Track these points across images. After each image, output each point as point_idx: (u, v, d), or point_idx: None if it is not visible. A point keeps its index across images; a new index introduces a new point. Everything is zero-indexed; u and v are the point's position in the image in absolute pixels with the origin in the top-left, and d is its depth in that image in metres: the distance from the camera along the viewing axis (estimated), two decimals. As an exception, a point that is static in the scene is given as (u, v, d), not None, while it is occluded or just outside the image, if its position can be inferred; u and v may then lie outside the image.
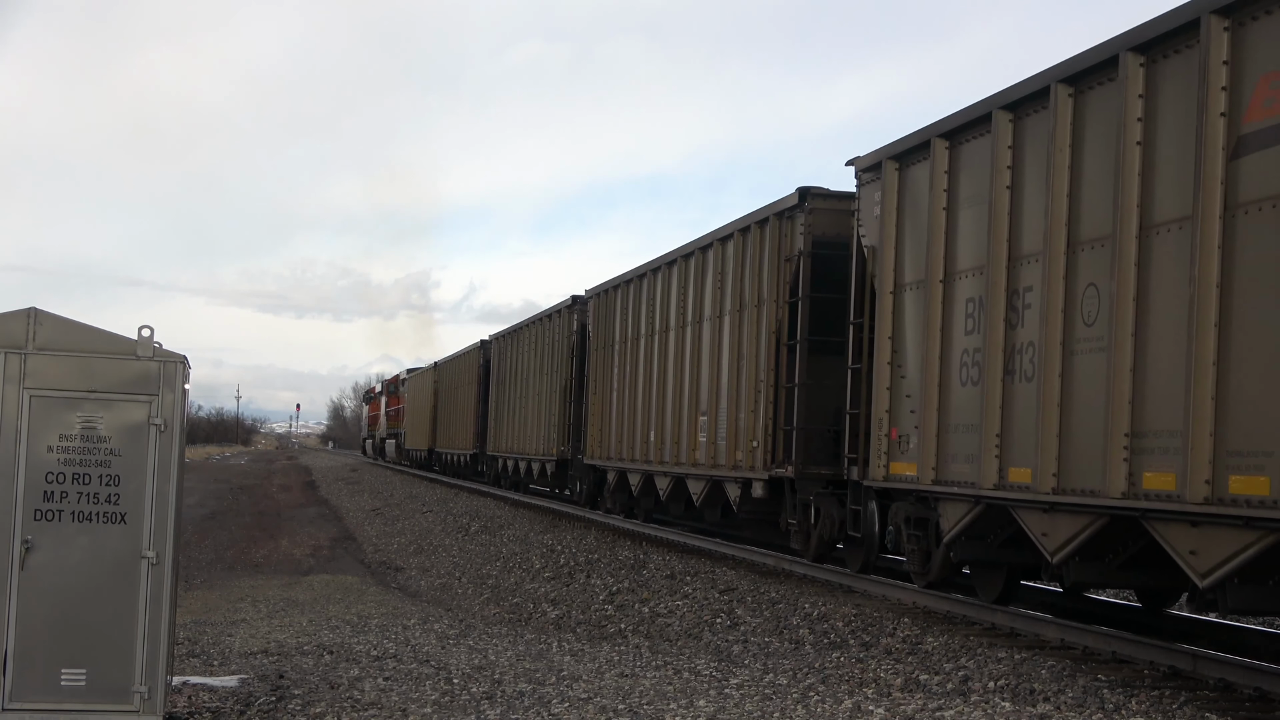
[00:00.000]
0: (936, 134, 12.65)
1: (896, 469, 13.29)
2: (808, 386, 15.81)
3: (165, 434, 7.92)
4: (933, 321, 12.63)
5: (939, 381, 12.50)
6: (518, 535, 25.23)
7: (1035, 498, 10.87)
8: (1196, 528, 9.09)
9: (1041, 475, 10.76)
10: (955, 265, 12.44)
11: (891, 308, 13.52)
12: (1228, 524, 8.79)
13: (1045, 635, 11.20)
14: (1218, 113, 8.95)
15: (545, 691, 9.61)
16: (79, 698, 7.76)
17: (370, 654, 11.73)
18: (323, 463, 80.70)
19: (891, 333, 13.50)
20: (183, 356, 8.04)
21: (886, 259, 13.64)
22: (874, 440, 13.75)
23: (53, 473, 7.79)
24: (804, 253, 15.97)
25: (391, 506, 37.46)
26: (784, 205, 16.46)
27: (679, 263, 20.44)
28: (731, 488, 17.80)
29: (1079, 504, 10.35)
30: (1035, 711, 8.61)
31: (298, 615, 15.74)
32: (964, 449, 12.00)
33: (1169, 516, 9.31)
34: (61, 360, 7.85)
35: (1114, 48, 10.09)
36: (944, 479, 12.37)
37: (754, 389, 17.02)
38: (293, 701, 9.27)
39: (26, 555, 7.75)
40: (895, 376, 13.41)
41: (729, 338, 18.10)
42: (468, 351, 43.74)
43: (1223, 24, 9.04)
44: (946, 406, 12.37)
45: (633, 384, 22.61)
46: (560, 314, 29.50)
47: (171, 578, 8.05)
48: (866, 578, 13.97)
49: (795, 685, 10.16)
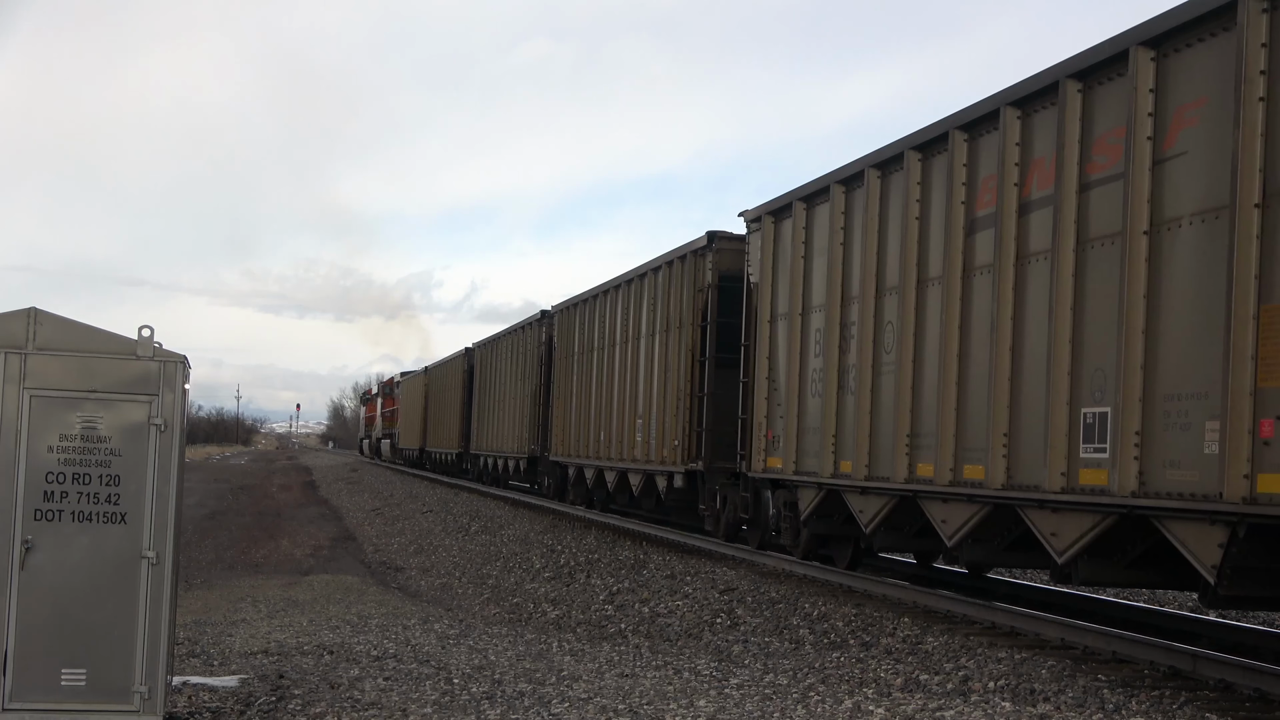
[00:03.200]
0: (797, 198, 15.70)
1: (771, 463, 16.34)
2: (715, 395, 19.01)
3: (165, 434, 7.89)
4: (794, 346, 15.70)
5: (798, 393, 15.53)
6: (518, 535, 25.26)
7: (855, 484, 13.96)
8: (945, 503, 12.31)
9: (858, 466, 13.85)
10: (810, 302, 15.49)
11: (768, 334, 16.57)
12: (962, 499, 11.98)
13: (1045, 635, 11.35)
14: (959, 201, 12.16)
15: (545, 691, 9.61)
16: (79, 698, 7.74)
17: (370, 654, 11.74)
18: (323, 462, 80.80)
19: (768, 353, 16.55)
20: (183, 356, 8.03)
21: (764, 294, 16.69)
22: (755, 440, 16.80)
23: (53, 473, 7.76)
24: (712, 285, 19.34)
25: (391, 506, 37.48)
26: (698, 245, 19.78)
27: (623, 287, 23.76)
28: (660, 480, 20.96)
29: (880, 488, 13.47)
30: (1035, 711, 8.58)
31: (298, 615, 15.74)
32: (813, 447, 15.01)
33: (930, 496, 12.45)
34: (62, 360, 7.82)
35: (899, 147, 13.25)
36: (800, 470, 15.39)
37: (676, 397, 20.23)
38: (293, 701, 9.25)
39: (26, 555, 7.73)
40: (770, 389, 16.43)
41: (658, 353, 21.36)
42: (454, 357, 46.24)
43: (962, 137, 12.19)
44: (803, 413, 15.39)
45: (588, 390, 25.70)
46: (531, 326, 32.48)
47: (171, 578, 8.03)
48: (867, 577, 14.61)
49: (795, 685, 10.17)
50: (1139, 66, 9.70)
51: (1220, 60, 8.95)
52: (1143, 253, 9.60)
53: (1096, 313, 10.13)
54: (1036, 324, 10.85)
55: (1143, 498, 9.42)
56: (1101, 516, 10.01)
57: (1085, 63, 10.41)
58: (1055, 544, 10.58)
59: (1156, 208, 9.56)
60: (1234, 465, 8.50)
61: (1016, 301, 11.20)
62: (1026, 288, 11.08)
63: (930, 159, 12.84)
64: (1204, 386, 8.86)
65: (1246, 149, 8.61)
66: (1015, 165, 11.33)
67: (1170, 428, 9.22)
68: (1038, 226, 10.96)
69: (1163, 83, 9.60)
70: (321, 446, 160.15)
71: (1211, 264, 8.90)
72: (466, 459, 43.06)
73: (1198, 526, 8.99)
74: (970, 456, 11.81)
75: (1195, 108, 9.25)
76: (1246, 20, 8.65)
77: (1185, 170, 9.32)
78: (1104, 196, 10.14)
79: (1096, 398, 10.03)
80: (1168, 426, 9.25)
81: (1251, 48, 8.63)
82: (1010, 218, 11.34)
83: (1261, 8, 8.63)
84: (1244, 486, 8.44)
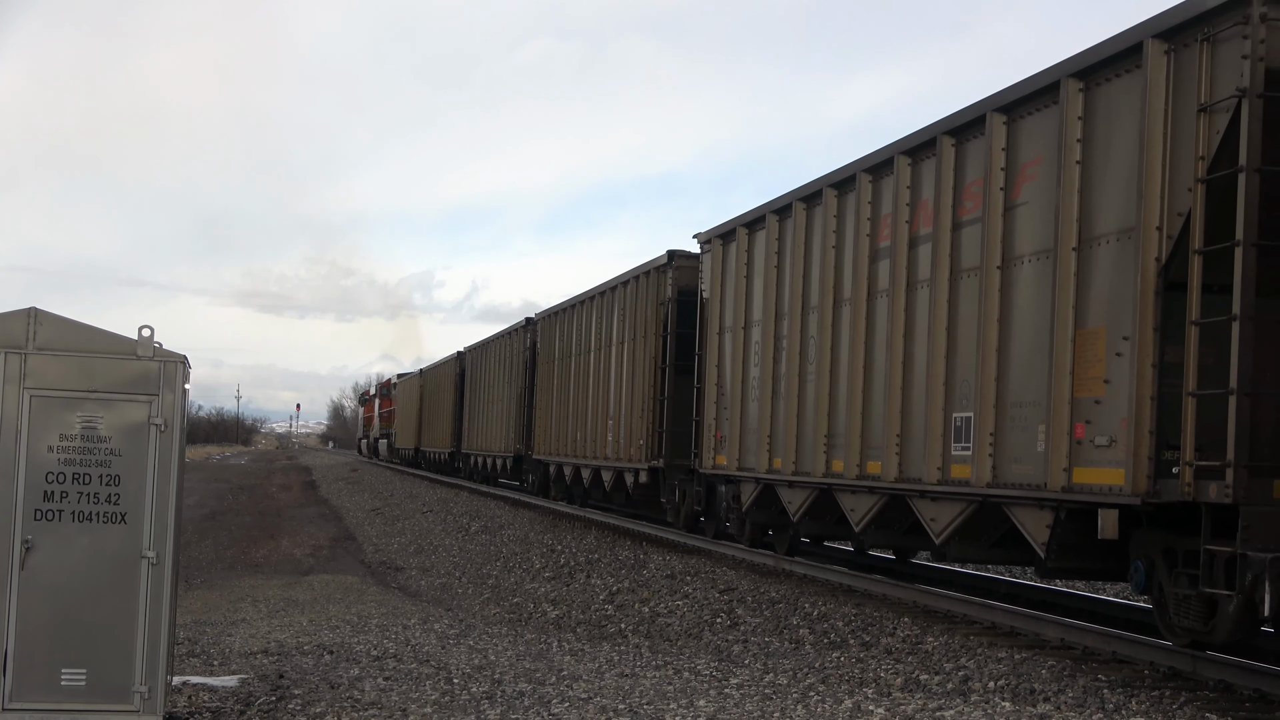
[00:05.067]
0: (741, 224, 17.77)
1: (719, 460, 18.36)
2: (674, 399, 20.98)
3: (165, 434, 7.85)
4: (738, 355, 17.78)
5: (741, 398, 17.60)
6: (518, 535, 25.42)
7: (784, 478, 15.92)
8: (854, 494, 14.33)
9: (787, 463, 15.84)
10: (751, 317, 17.47)
11: (717, 344, 18.65)
12: (865, 491, 14.00)
13: (1045, 635, 11.55)
14: (864, 234, 14.23)
15: (545, 691, 9.59)
16: (79, 698, 7.70)
17: (370, 654, 11.74)
18: (322, 462, 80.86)
19: (717, 362, 18.64)
20: (183, 356, 8.00)
21: (714, 309, 18.82)
22: (706, 439, 18.89)
23: (53, 473, 7.73)
24: (672, 299, 21.34)
25: (391, 506, 37.46)
26: (659, 263, 21.94)
27: (596, 299, 25.91)
28: (629, 476, 22.95)
29: (805, 482, 15.45)
30: (1035, 711, 8.61)
31: (298, 615, 15.78)
32: (752, 445, 17.04)
33: (842, 488, 14.50)
34: (62, 360, 7.79)
35: (819, 184, 15.24)
36: (743, 466, 17.42)
37: (641, 400, 22.27)
38: (293, 701, 9.21)
39: (26, 555, 7.69)
40: (719, 394, 18.48)
41: (626, 360, 23.36)
42: (447, 360, 48.12)
43: (867, 179, 14.21)
44: (744, 415, 17.44)
45: (566, 394, 27.78)
46: (517, 333, 34.51)
47: (171, 578, 7.98)
48: (868, 577, 15.43)
49: (795, 685, 10.17)
50: (994, 129, 11.65)
51: (1050, 128, 10.89)
52: (996, 284, 11.54)
53: (964, 333, 12.07)
54: (921, 342, 12.79)
55: (996, 488, 11.36)
56: (967, 504, 11.97)
57: (957, 122, 12.34)
58: (933, 527, 12.54)
59: (1007, 247, 11.50)
60: (1056, 460, 10.44)
61: (907, 322, 13.13)
62: (915, 311, 13.00)
63: (844, 196, 14.82)
64: (1038, 396, 10.79)
65: (1066, 202, 10.56)
66: (906, 205, 13.27)
67: (1015, 430, 11.17)
68: (923, 258, 12.89)
69: (1012, 142, 11.54)
70: (321, 446, 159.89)
71: (1044, 296, 10.83)
72: (458, 458, 44.97)
73: (1033, 511, 10.93)
74: (872, 454, 13.78)
75: (1034, 165, 11.19)
76: (1067, 97, 10.60)
77: (1027, 216, 11.26)
78: (971, 235, 12.07)
79: (963, 404, 11.98)
80: (1013, 429, 11.20)
81: (1070, 120, 10.58)
82: (902, 250, 13.28)
83: (1078, 87, 10.57)
84: (1064, 478, 10.38)
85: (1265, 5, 8.81)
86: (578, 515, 26.71)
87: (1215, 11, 9.13)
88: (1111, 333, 9.98)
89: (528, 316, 33.45)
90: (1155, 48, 9.65)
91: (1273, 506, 8.70)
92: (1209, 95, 9.21)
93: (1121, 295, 9.88)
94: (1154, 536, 9.92)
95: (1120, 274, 9.93)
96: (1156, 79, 9.63)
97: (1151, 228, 9.58)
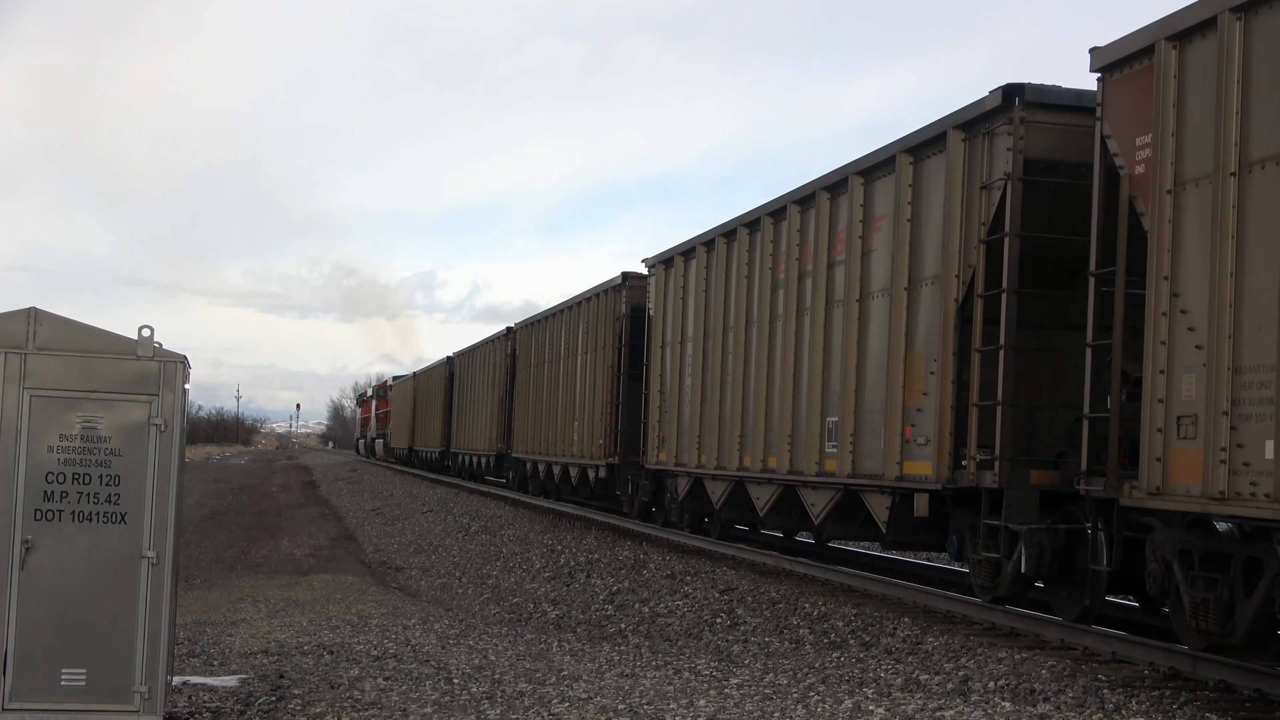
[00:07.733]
0: (678, 252, 20.69)
1: (661, 457, 21.32)
2: (627, 403, 23.72)
3: (165, 434, 7.85)
4: (675, 366, 20.67)
5: (677, 403, 20.50)
6: (518, 535, 25.72)
7: (709, 472, 18.83)
8: (758, 485, 17.04)
9: (710, 459, 18.69)
10: (685, 333, 20.38)
11: (660, 356, 21.57)
12: (765, 482, 16.72)
13: (1045, 635, 11.59)
14: (767, 267, 17.05)
15: (545, 691, 9.59)
16: (79, 698, 7.68)
17: (370, 654, 11.79)
18: (322, 462, 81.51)
19: (660, 371, 21.53)
20: (183, 356, 7.98)
21: (658, 325, 21.80)
22: (651, 439, 21.84)
23: (53, 473, 7.71)
24: (625, 315, 24.15)
25: (391, 506, 37.57)
26: (615, 283, 24.82)
27: (566, 312, 29.03)
28: (590, 471, 26.01)
29: (723, 475, 18.29)
30: (1035, 711, 8.64)
31: (298, 615, 15.86)
32: (686, 444, 19.89)
33: (750, 480, 17.20)
34: (62, 360, 7.77)
35: (735, 223, 18.14)
36: (679, 462, 20.31)
37: (601, 404, 25.10)
38: (293, 701, 9.20)
39: (26, 555, 7.67)
40: (661, 399, 21.39)
41: (589, 368, 26.28)
42: (438, 364, 51.41)
43: (770, 221, 17.00)
44: (680, 418, 20.32)
45: (541, 397, 30.87)
46: (498, 340, 37.57)
47: (171, 578, 7.95)
48: (869, 576, 15.62)
49: (795, 685, 10.23)
50: (854, 188, 14.47)
51: (892, 191, 13.70)
52: (856, 315, 14.34)
53: (835, 353, 14.87)
54: (805, 358, 15.59)
55: (854, 478, 14.18)
56: (835, 492, 14.78)
57: (831, 180, 15.13)
58: (812, 511, 15.36)
59: (864, 284, 14.29)
60: (891, 455, 13.26)
61: (797, 342, 15.93)
62: (802, 333, 15.81)
63: (754, 234, 17.66)
64: (882, 404, 13.60)
65: (899, 251, 13.39)
66: (796, 245, 16.08)
67: (867, 431, 13.98)
68: (808, 290, 15.70)
69: (868, 200, 14.36)
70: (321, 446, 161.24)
71: (886, 325, 13.63)
72: (448, 457, 47.98)
73: (878, 496, 13.76)
74: (771, 451, 16.58)
75: (882, 220, 14.00)
76: (901, 168, 13.42)
77: (877, 261, 14.07)
78: (840, 273, 14.86)
79: (833, 410, 14.78)
80: (866, 430, 14.01)
81: (903, 186, 13.40)
82: (793, 282, 16.09)
83: (909, 161, 13.38)
84: (897, 469, 13.20)
85: (1024, 110, 11.64)
86: (554, 509, 29.46)
87: (993, 112, 11.97)
88: (928, 355, 12.80)
89: (508, 325, 36.39)
90: (955, 136, 12.49)
91: (1028, 490, 11.50)
92: (988, 175, 12.07)
93: (933, 327, 12.71)
94: (962, 515, 12.73)
95: (933, 310, 12.75)
96: (955, 161, 12.48)
97: (952, 275, 12.42)
